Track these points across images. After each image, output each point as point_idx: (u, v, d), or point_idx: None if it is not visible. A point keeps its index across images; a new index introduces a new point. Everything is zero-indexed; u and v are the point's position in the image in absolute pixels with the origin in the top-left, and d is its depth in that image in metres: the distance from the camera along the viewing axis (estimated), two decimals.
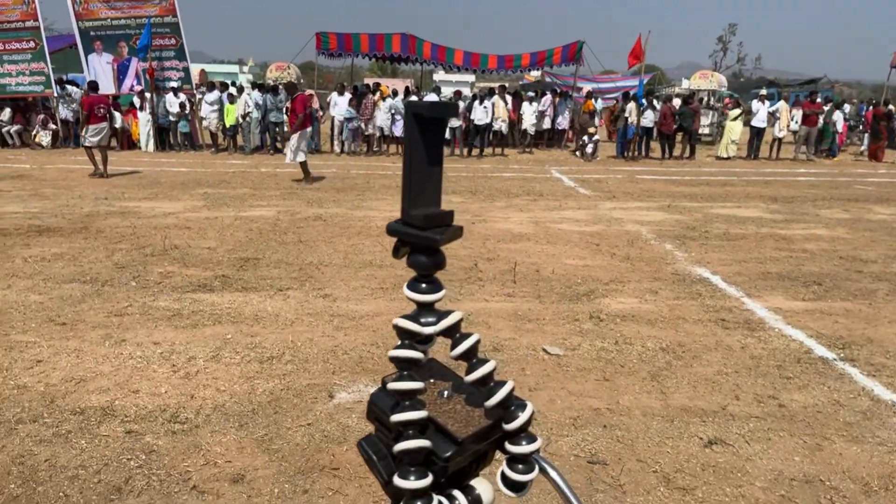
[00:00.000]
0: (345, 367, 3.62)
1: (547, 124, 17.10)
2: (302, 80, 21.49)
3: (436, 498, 0.58)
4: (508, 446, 0.61)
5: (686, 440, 2.95)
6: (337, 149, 15.71)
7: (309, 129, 11.04)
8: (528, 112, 16.27)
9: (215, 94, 15.52)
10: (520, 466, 0.62)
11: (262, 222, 7.46)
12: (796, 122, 16.00)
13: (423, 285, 0.62)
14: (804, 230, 7.58)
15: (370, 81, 24.38)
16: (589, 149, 15.36)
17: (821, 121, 16.13)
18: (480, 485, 0.62)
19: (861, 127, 19.26)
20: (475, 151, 15.71)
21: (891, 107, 17.90)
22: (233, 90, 16.22)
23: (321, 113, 17.05)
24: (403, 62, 20.24)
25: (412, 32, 17.83)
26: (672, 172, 13.18)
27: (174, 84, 15.28)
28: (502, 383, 0.61)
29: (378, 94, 15.60)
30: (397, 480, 0.57)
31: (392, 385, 0.60)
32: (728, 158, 15.70)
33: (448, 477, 0.60)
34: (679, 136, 15.88)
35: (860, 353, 3.97)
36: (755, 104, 15.83)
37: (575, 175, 12.45)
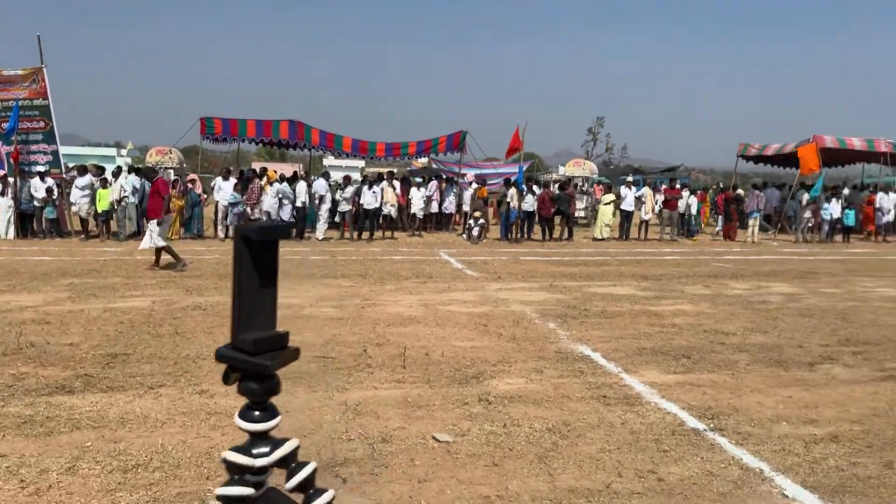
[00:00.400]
0: (221, 470, 3.35)
1: (434, 208, 17.60)
2: (185, 164, 20.92)
3: None
4: None
5: None
6: (221, 234, 15.23)
7: (171, 215, 10.68)
8: (417, 197, 16.72)
9: (87, 179, 14.71)
10: None
11: (134, 314, 6.98)
12: (659, 206, 17.51)
13: (256, 413, 0.60)
14: (672, 306, 8.14)
15: (257, 166, 24.17)
16: (475, 232, 15.90)
17: (680, 205, 17.74)
18: None
19: (714, 210, 21.34)
20: (365, 235, 15.79)
21: (739, 191, 20.06)
22: (108, 175, 15.48)
23: (205, 197, 16.58)
24: (292, 147, 20.29)
25: (300, 119, 18.00)
26: (553, 253, 13.86)
27: (41, 168, 14.38)
28: None
29: (265, 178, 15.47)
30: None
31: None
32: (603, 240, 16.78)
33: None
34: (558, 220, 16.84)
35: (727, 423, 4.23)
36: (623, 190, 17.21)
37: (462, 257, 12.77)
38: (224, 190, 14.93)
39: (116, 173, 15.06)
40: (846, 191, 20.19)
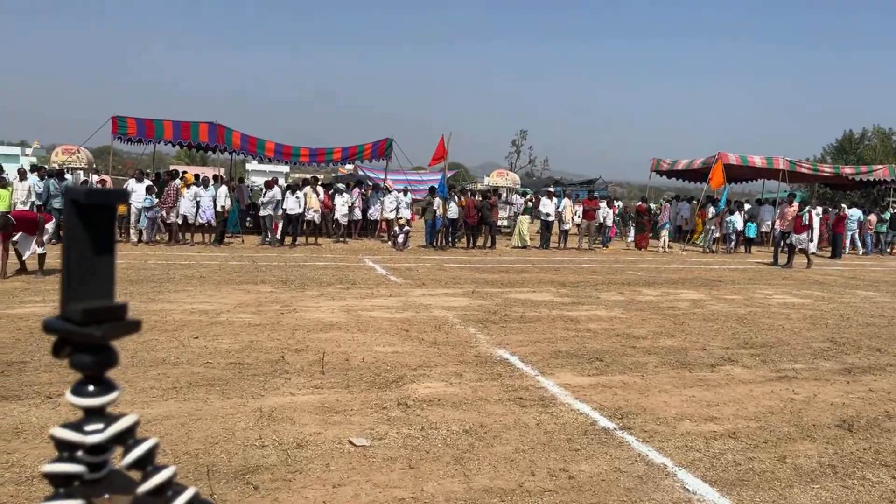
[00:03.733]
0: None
1: (358, 215, 17.47)
2: (95, 165, 19.86)
3: None
4: None
5: None
6: (134, 238, 14.54)
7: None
8: (339, 203, 16.55)
9: None
10: None
11: (32, 320, 6.55)
12: (578, 217, 18.10)
13: (90, 388, 0.58)
14: (588, 311, 8.42)
15: (177, 168, 23.26)
16: (400, 238, 15.90)
17: (599, 216, 18.42)
18: None
19: (629, 221, 22.27)
20: (288, 240, 15.48)
21: (651, 203, 21.02)
22: (6, 175, 14.49)
23: None
24: (212, 151, 19.67)
25: (220, 122, 17.48)
26: (476, 260, 14.04)
27: None
28: (181, 490, 0.57)
29: (181, 181, 14.91)
30: None
31: None
32: (524, 248, 17.16)
33: None
34: (483, 228, 17.11)
35: (635, 422, 4.41)
36: (544, 201, 17.69)
37: (387, 264, 12.74)
38: (137, 192, 14.27)
39: (23, 174, 14.10)
40: (747, 205, 21.52)
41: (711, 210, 18.96)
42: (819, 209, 20.61)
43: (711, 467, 3.75)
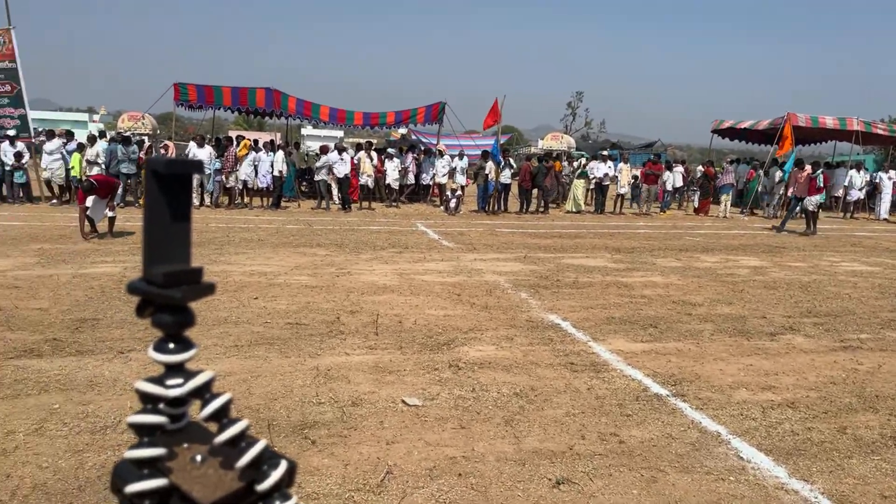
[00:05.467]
0: None
1: (411, 180, 17.51)
2: (158, 132, 20.51)
3: None
4: None
5: (536, 482, 3.05)
6: (196, 201, 15.03)
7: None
8: (391, 168, 16.61)
9: (55, 143, 14.37)
10: None
11: (105, 279, 6.91)
12: (636, 181, 17.63)
13: (170, 345, 0.61)
14: (643, 277, 8.28)
15: (234, 134, 23.80)
16: (452, 203, 15.89)
17: (660, 181, 17.89)
18: None
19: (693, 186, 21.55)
20: (334, 207, 15.68)
21: (718, 167, 20.23)
22: (81, 140, 15.13)
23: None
24: (269, 116, 19.99)
25: (277, 87, 17.70)
26: (528, 226, 13.93)
27: (10, 132, 13.99)
28: (253, 442, 0.60)
29: (240, 146, 15.26)
30: None
31: (128, 454, 0.58)
32: (578, 212, 16.90)
33: None
34: (535, 192, 16.90)
35: (689, 389, 4.36)
36: (598, 164, 17.29)
37: (439, 228, 12.79)
38: (200, 157, 14.68)
39: (92, 140, 14.69)
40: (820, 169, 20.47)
41: (778, 174, 18.15)
42: (892, 173, 19.47)
43: (767, 436, 3.69)
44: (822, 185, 14.73)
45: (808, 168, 15.14)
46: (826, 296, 7.59)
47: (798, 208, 15.10)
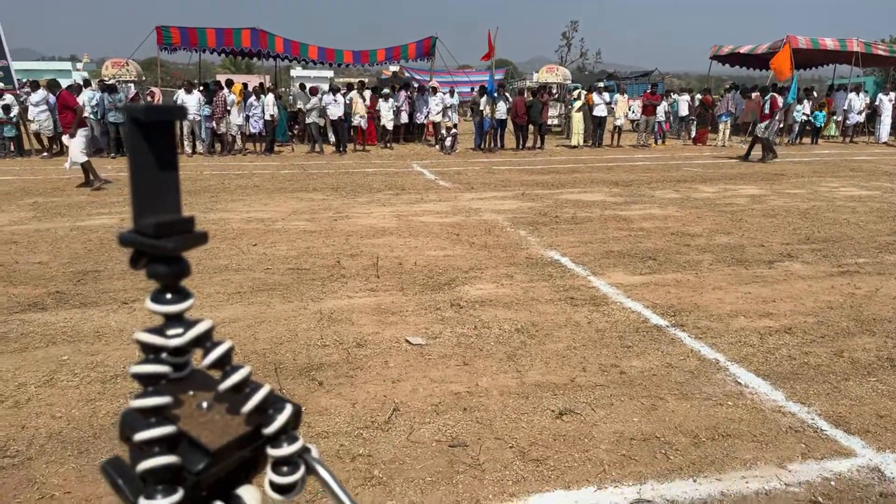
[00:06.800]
0: None
1: (405, 119, 17.23)
2: (144, 78, 20.03)
3: None
4: (270, 450, 0.61)
5: (539, 414, 3.13)
6: (188, 150, 14.84)
7: (86, 129, 10.16)
8: (385, 108, 16.31)
9: (41, 94, 14.06)
10: (284, 469, 0.62)
11: (102, 231, 6.89)
12: (634, 112, 17.35)
13: (168, 296, 0.61)
14: (641, 210, 8.27)
15: (222, 78, 23.27)
16: (448, 142, 15.70)
17: (658, 111, 17.59)
18: (246, 492, 0.61)
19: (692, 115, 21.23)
20: (328, 149, 15.50)
21: (716, 96, 19.88)
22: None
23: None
24: (256, 57, 19.51)
25: (263, 27, 17.20)
26: (525, 162, 13.81)
27: None
28: (258, 388, 0.61)
29: (235, 91, 14.95)
30: (143, 502, 0.55)
31: (134, 403, 0.58)
32: (576, 147, 16.72)
33: (209, 488, 0.59)
34: (531, 127, 16.66)
35: (688, 319, 4.41)
36: (595, 96, 16.97)
37: (436, 168, 12.68)
38: (188, 104, 14.39)
39: (77, 89, 14.35)
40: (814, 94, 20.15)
41: (780, 100, 17.82)
42: (892, 94, 19.14)
43: (765, 362, 3.76)
44: (768, 111, 14.23)
45: (757, 94, 14.67)
46: (824, 222, 7.60)
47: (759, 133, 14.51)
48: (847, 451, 2.84)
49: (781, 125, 18.04)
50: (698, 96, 18.89)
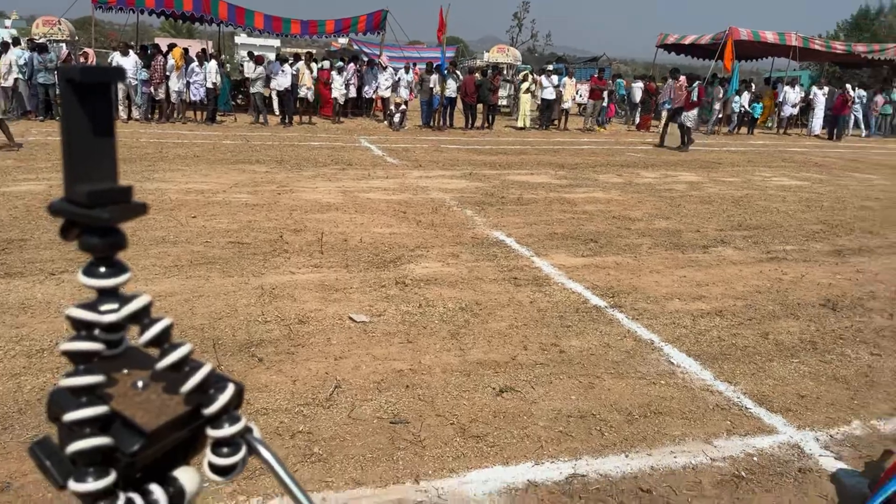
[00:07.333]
0: None
1: (353, 93, 16.94)
2: (77, 38, 18.99)
3: (122, 496, 0.55)
4: (210, 431, 0.59)
5: (480, 391, 3.17)
6: (123, 115, 14.18)
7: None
8: (338, 82, 15.97)
9: None
10: (224, 450, 0.60)
11: (29, 198, 6.55)
12: (581, 96, 17.57)
13: (102, 269, 0.57)
14: (585, 194, 8.42)
15: (162, 42, 22.26)
16: (396, 118, 15.55)
17: (605, 96, 17.85)
18: (184, 474, 0.59)
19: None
20: (273, 120, 15.12)
21: (659, 83, 20.31)
22: None
23: None
24: (199, 22, 18.74)
25: None
26: (474, 142, 13.83)
27: None
28: (198, 367, 0.58)
29: (174, 55, 14.31)
30: (72, 485, 0.53)
31: (63, 382, 0.55)
32: (523, 128, 16.83)
33: (144, 470, 0.57)
34: (480, 107, 16.66)
35: (626, 301, 4.55)
36: (543, 79, 17.08)
37: (383, 144, 12.55)
38: (125, 67, 13.73)
39: (4, 47, 13.46)
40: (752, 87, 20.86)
41: (721, 91, 18.38)
42: (826, 89, 20.02)
43: (696, 343, 3.92)
44: (696, 99, 14.37)
45: (683, 79, 14.84)
46: (756, 210, 7.93)
47: (678, 121, 14.41)
48: (769, 429, 3.00)
49: (720, 115, 18.65)
50: (640, 83, 19.28)
